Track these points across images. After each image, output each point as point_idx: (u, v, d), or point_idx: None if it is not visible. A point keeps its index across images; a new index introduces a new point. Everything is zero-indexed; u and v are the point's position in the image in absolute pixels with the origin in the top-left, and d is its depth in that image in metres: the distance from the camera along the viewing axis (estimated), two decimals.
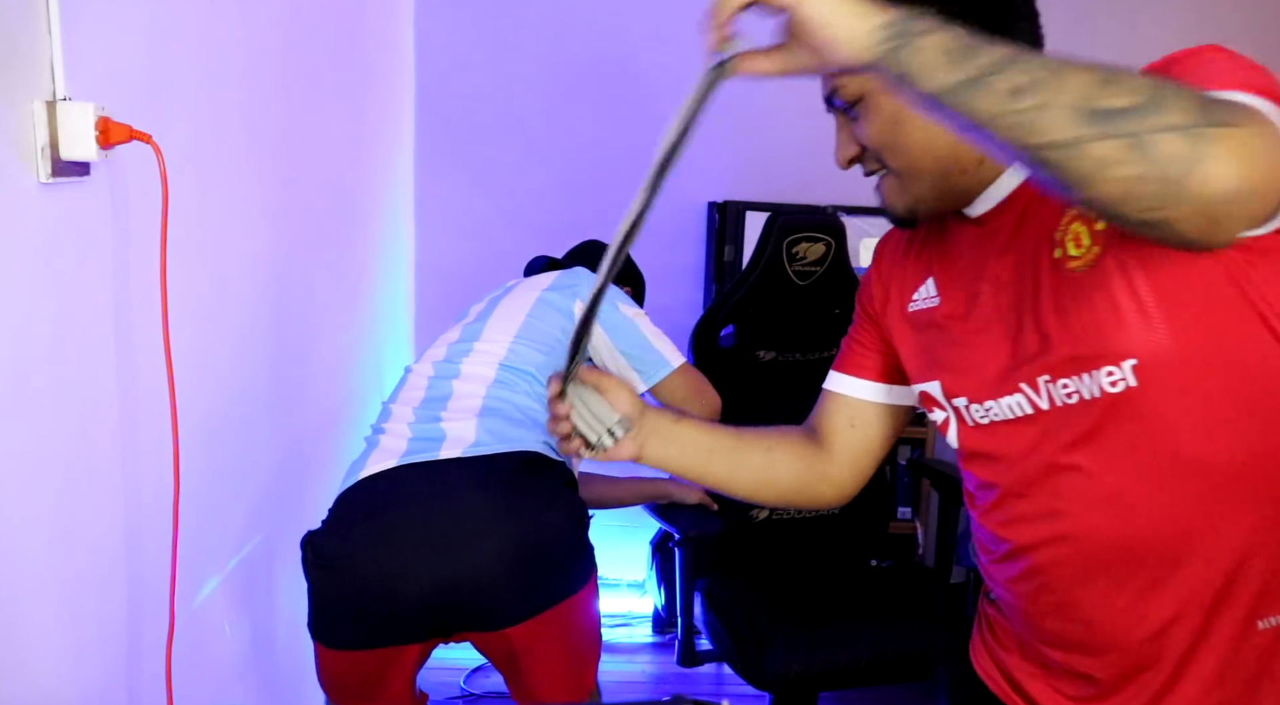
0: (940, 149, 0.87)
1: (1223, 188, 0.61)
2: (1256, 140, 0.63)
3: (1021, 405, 0.88)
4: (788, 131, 2.81)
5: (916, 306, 1.00)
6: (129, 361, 1.04)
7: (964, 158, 0.87)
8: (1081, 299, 0.81)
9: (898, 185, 0.91)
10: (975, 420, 0.94)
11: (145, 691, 1.09)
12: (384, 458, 1.40)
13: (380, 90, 2.38)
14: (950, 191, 0.90)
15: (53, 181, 0.87)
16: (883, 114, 0.88)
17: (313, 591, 1.36)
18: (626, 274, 2.01)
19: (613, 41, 2.72)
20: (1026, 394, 0.88)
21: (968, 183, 0.89)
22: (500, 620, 1.35)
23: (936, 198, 0.91)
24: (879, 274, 1.07)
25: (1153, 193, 0.63)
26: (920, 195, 0.91)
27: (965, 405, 0.94)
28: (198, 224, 1.18)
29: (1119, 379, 0.81)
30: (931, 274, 0.99)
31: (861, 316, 1.10)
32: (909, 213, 0.93)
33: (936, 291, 0.98)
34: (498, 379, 1.47)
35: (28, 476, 0.87)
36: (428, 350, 1.57)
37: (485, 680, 2.54)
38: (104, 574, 1.03)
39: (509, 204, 2.74)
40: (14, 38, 0.82)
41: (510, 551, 1.32)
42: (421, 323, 2.78)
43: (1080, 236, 0.81)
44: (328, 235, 1.90)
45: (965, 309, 0.94)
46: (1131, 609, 0.86)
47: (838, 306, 2.16)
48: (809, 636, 1.87)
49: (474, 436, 1.40)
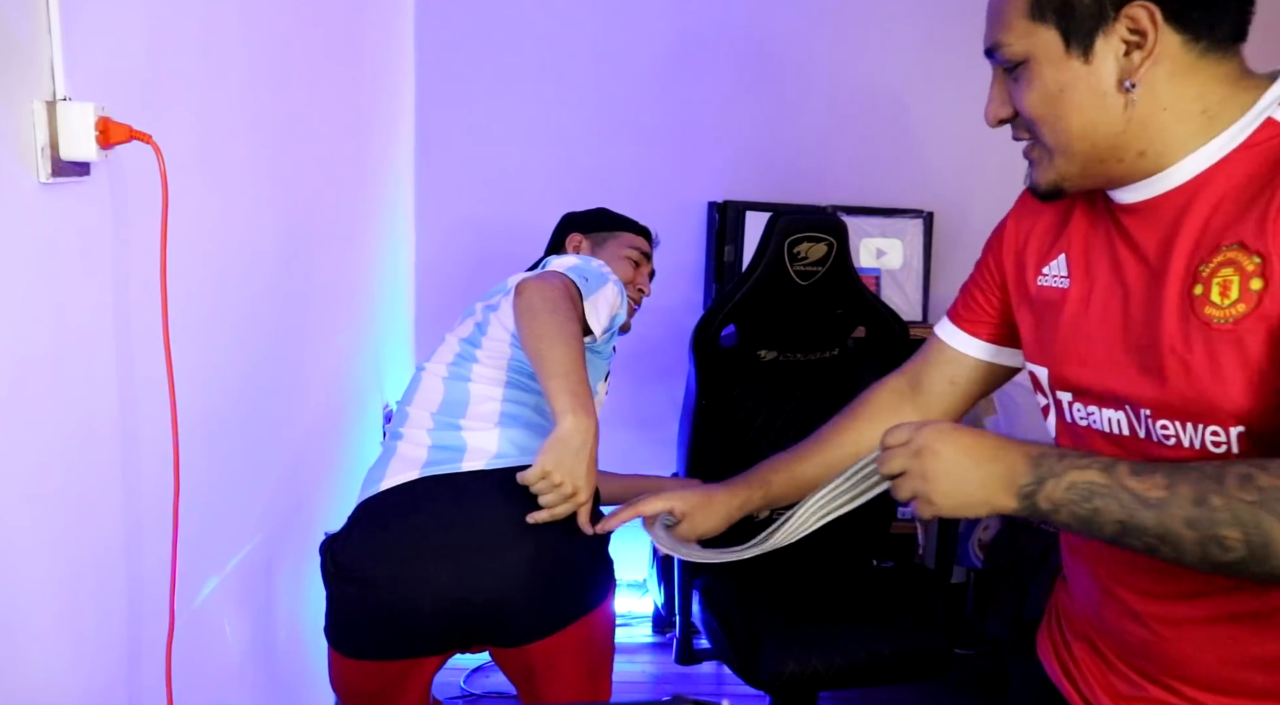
0: (1100, 136, 0.83)
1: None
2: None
3: (1121, 424, 0.86)
4: (788, 131, 2.82)
5: (1045, 282, 0.96)
6: (129, 361, 1.04)
7: (1124, 148, 0.83)
8: (1208, 349, 0.78)
9: (1046, 159, 0.87)
10: (1074, 418, 0.91)
11: (145, 691, 1.09)
12: (404, 468, 1.38)
13: (380, 90, 2.38)
14: (1101, 176, 0.86)
15: (53, 181, 0.87)
16: (1045, 84, 0.84)
17: (332, 601, 1.35)
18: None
19: (612, 41, 2.72)
20: (1129, 416, 0.85)
21: (1122, 171, 0.85)
22: (522, 636, 1.35)
23: (1085, 179, 0.87)
24: (1017, 227, 1.02)
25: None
26: (1068, 175, 0.87)
27: (1069, 401, 0.91)
28: (198, 224, 1.18)
29: (1222, 441, 0.79)
30: (1066, 251, 0.94)
31: (987, 268, 1.06)
32: (1053, 188, 0.89)
33: (1068, 272, 0.93)
34: (510, 382, 1.45)
35: (28, 476, 0.87)
36: (438, 348, 1.55)
37: (485, 680, 2.55)
38: (104, 574, 1.02)
39: (509, 204, 2.74)
40: (14, 38, 0.82)
41: (534, 567, 1.31)
42: (421, 323, 2.78)
43: (1229, 286, 0.77)
44: (328, 235, 1.90)
45: (1090, 301, 0.90)
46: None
47: (839, 306, 2.16)
48: (806, 636, 1.87)
49: (496, 448, 1.38)
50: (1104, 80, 0.81)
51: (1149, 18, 0.78)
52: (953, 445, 0.82)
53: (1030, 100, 0.85)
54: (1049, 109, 0.84)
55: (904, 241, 2.77)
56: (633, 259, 1.78)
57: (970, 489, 0.81)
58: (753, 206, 2.66)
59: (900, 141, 2.84)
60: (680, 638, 2.01)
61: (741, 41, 2.76)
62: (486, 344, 1.48)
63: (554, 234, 1.87)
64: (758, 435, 2.22)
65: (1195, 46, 0.79)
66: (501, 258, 2.32)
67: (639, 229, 1.85)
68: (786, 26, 2.77)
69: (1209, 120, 0.80)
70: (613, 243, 1.79)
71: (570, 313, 1.30)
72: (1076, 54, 0.81)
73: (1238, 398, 0.76)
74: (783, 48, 2.78)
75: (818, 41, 2.79)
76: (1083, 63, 0.81)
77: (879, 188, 2.83)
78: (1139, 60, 0.79)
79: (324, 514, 1.89)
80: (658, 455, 2.60)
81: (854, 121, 2.83)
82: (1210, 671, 0.86)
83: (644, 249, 1.82)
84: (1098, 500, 0.75)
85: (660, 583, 2.61)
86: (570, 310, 1.31)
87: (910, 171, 2.84)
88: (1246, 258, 0.76)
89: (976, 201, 2.75)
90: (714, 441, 2.13)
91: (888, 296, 2.74)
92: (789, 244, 2.03)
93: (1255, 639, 0.84)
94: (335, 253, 1.96)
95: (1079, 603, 0.99)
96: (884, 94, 2.81)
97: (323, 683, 1.59)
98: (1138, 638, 0.90)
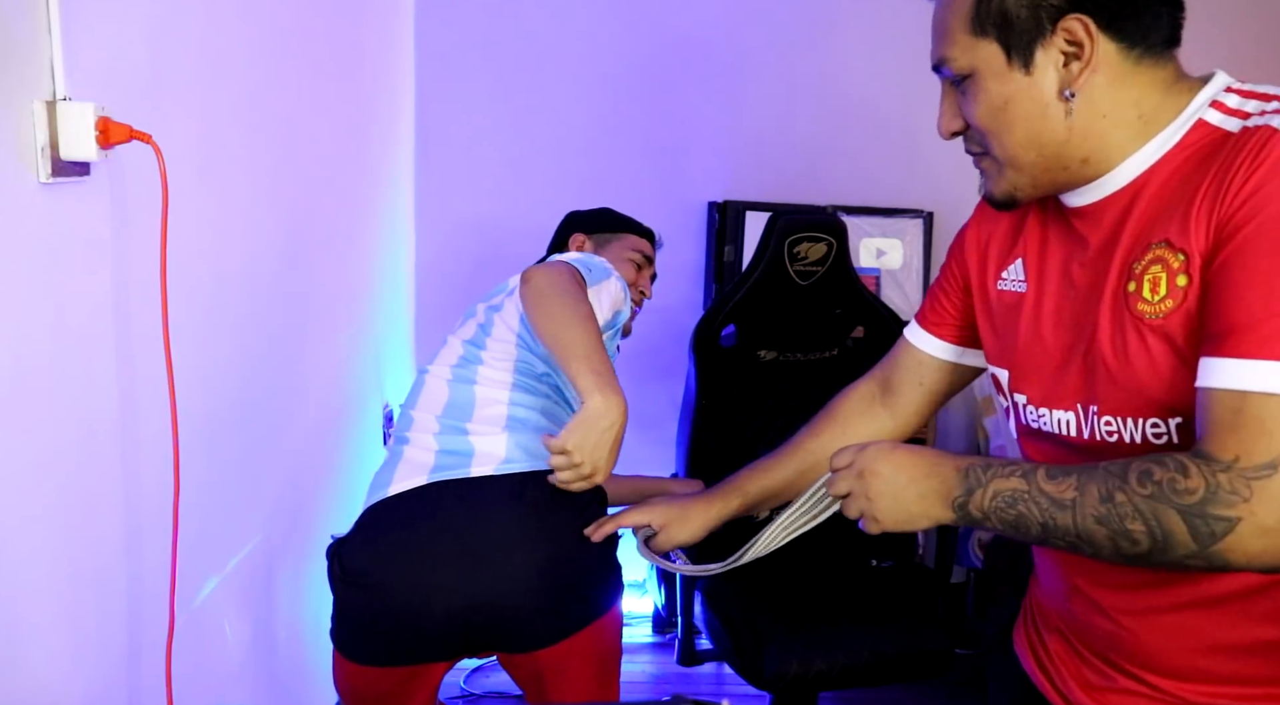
0: (1045, 145, 0.85)
1: (1256, 561, 0.72)
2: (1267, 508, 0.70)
3: (1070, 425, 0.88)
4: (788, 131, 2.82)
5: (1004, 286, 0.98)
6: (129, 361, 1.04)
7: (1068, 156, 0.86)
8: (1142, 344, 0.80)
9: (996, 171, 0.90)
10: (1028, 421, 0.94)
11: (145, 691, 1.09)
12: (412, 473, 1.37)
13: (380, 90, 2.38)
14: (1050, 184, 0.89)
15: (53, 181, 0.87)
16: (990, 97, 0.86)
17: (340, 606, 1.34)
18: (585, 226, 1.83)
19: (612, 41, 2.72)
20: (1078, 415, 0.87)
21: (1068, 178, 0.87)
22: (532, 642, 1.34)
23: (1035, 188, 0.89)
24: (978, 232, 1.05)
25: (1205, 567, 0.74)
26: (1019, 184, 0.89)
27: (1024, 403, 0.94)
28: (198, 224, 1.18)
29: (1163, 433, 0.81)
30: (1023, 255, 0.97)
31: (950, 272, 1.09)
32: (1007, 198, 0.91)
33: (1024, 276, 0.96)
34: (515, 384, 1.44)
35: (28, 476, 0.87)
36: (440, 351, 1.54)
37: (485, 680, 2.55)
38: (104, 574, 1.02)
39: (509, 204, 2.74)
40: (14, 38, 0.82)
41: (543, 573, 1.30)
42: (421, 323, 2.78)
43: (1158, 283, 0.80)
44: (328, 235, 1.90)
45: (1044, 305, 0.92)
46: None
47: (839, 306, 2.16)
48: (808, 636, 1.87)
49: (504, 453, 1.37)
50: (1045, 91, 0.84)
51: (1084, 29, 0.81)
52: (890, 464, 0.89)
53: (978, 113, 0.87)
54: (995, 121, 0.86)
55: (904, 241, 2.77)
56: (635, 262, 1.78)
57: (908, 504, 0.87)
58: (753, 206, 2.66)
59: (900, 141, 2.84)
60: (682, 639, 2.01)
61: (742, 42, 2.77)
62: (491, 345, 1.47)
63: (557, 232, 1.86)
64: (757, 435, 2.22)
65: (1130, 53, 0.82)
66: (501, 258, 2.32)
67: (643, 231, 1.85)
68: (787, 26, 2.77)
69: (1145, 124, 0.83)
70: (616, 244, 1.79)
71: (580, 295, 1.30)
72: (1018, 66, 0.84)
73: (1171, 390, 0.79)
74: (783, 48, 2.78)
75: (818, 42, 2.79)
76: (1024, 74, 0.84)
77: (879, 188, 2.83)
78: (1078, 70, 0.82)
79: (324, 514, 1.89)
80: (657, 455, 2.60)
81: (854, 121, 2.83)
82: (1174, 659, 0.88)
83: (647, 252, 1.82)
84: (1020, 506, 0.80)
85: (660, 584, 2.61)
86: (579, 293, 1.30)
87: (910, 171, 2.84)
88: (1173, 255, 0.79)
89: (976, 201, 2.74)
90: (714, 441, 2.13)
91: (888, 296, 2.74)
92: (789, 244, 2.03)
93: (1213, 625, 0.86)
94: (335, 253, 1.96)
95: (1050, 597, 1.01)
96: (884, 94, 2.81)
97: (323, 683, 1.59)
98: (1103, 629, 0.92)
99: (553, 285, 1.29)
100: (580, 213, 1.87)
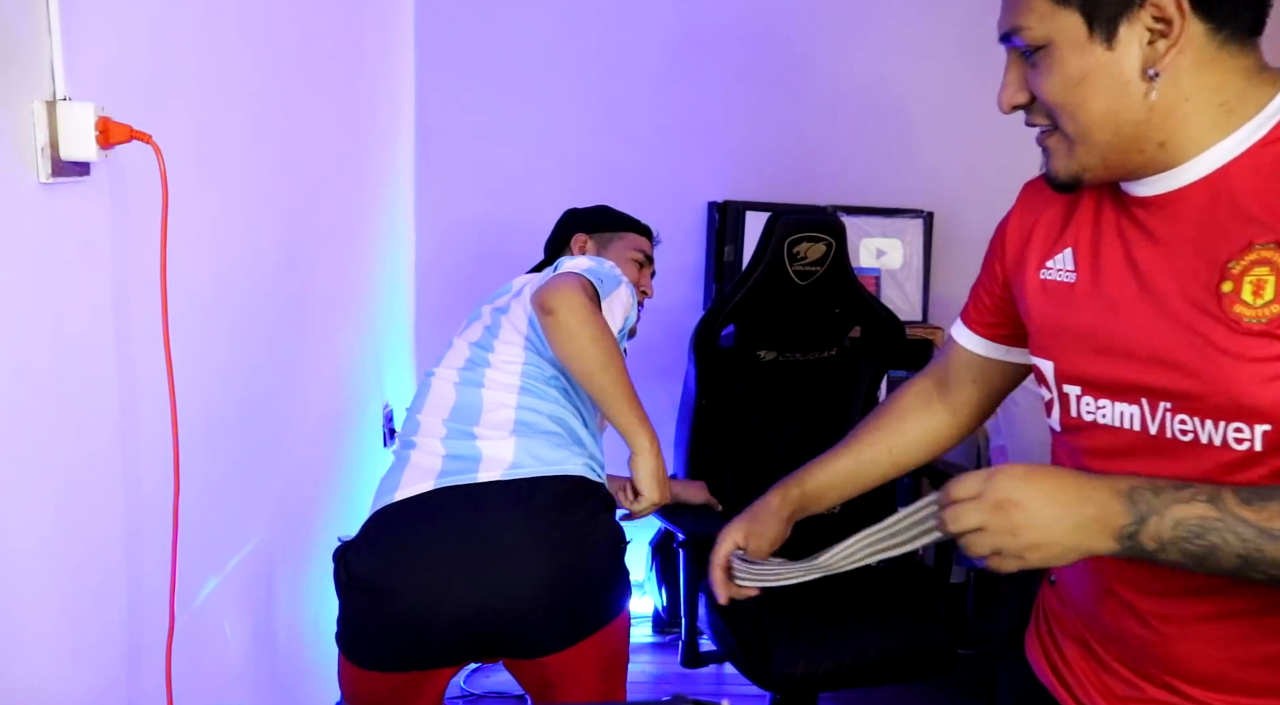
0: (1122, 125, 0.81)
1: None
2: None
3: (1134, 419, 0.84)
4: (788, 131, 2.82)
5: (1049, 275, 0.94)
6: (129, 361, 1.04)
7: (1144, 138, 0.81)
8: (1237, 347, 0.77)
9: (1065, 148, 0.85)
10: (1080, 413, 0.90)
11: (145, 692, 1.09)
12: (419, 478, 1.37)
13: (380, 90, 2.38)
14: (1121, 166, 0.84)
15: (53, 181, 0.87)
16: (1066, 70, 0.81)
17: (346, 611, 1.34)
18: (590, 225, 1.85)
19: (613, 41, 2.72)
20: (1144, 411, 0.83)
21: (1141, 162, 0.83)
22: (539, 648, 1.34)
23: (1104, 169, 0.85)
24: (1019, 221, 1.00)
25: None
26: (1088, 164, 0.85)
27: (1077, 395, 0.90)
28: (198, 224, 1.18)
29: (1246, 439, 0.77)
30: (1073, 245, 0.92)
31: (991, 268, 1.05)
32: (1072, 178, 0.87)
33: (1074, 266, 0.91)
34: (523, 388, 1.44)
35: (28, 476, 0.87)
36: (446, 353, 1.54)
37: (485, 680, 2.55)
38: (104, 574, 1.02)
39: (509, 204, 2.74)
40: (14, 38, 0.82)
41: (551, 580, 1.30)
42: (421, 323, 2.78)
43: (1263, 285, 0.76)
44: (328, 235, 1.90)
45: (1102, 294, 0.88)
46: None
47: (838, 306, 2.16)
48: (814, 637, 1.87)
49: (512, 458, 1.37)
50: (1127, 68, 0.79)
51: (1175, 6, 0.77)
52: (1034, 492, 0.76)
53: (1050, 86, 0.83)
54: (1070, 96, 0.82)
55: (904, 241, 2.77)
56: (638, 261, 1.78)
57: (1062, 537, 0.75)
58: (753, 206, 2.66)
59: (900, 141, 2.84)
60: (686, 640, 2.01)
61: (742, 41, 2.77)
62: (499, 348, 1.46)
63: (556, 229, 1.87)
64: (757, 435, 2.22)
65: (1217, 36, 0.78)
66: (501, 258, 2.32)
67: (642, 229, 1.85)
68: (786, 26, 2.78)
69: (1227, 114, 0.79)
70: (618, 244, 1.79)
71: (602, 325, 1.35)
72: (1099, 40, 0.80)
73: (1268, 397, 0.75)
74: (783, 47, 2.78)
75: (818, 41, 2.79)
76: (1105, 49, 0.80)
77: (879, 188, 2.83)
78: (1164, 48, 0.78)
79: (324, 513, 1.89)
80: None
81: (854, 121, 2.83)
82: (1211, 669, 0.86)
83: (648, 251, 1.83)
84: (1213, 536, 0.72)
85: (661, 585, 2.61)
86: (601, 322, 1.35)
87: (910, 171, 2.84)
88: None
89: (976, 201, 2.74)
90: (713, 441, 2.13)
91: (888, 296, 2.74)
92: (788, 244, 2.03)
93: (1257, 636, 0.83)
94: (335, 253, 1.96)
95: (1073, 603, 0.99)
96: (884, 94, 2.81)
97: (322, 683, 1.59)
98: (1137, 636, 0.90)
99: (579, 322, 1.32)
100: (579, 211, 1.87)
